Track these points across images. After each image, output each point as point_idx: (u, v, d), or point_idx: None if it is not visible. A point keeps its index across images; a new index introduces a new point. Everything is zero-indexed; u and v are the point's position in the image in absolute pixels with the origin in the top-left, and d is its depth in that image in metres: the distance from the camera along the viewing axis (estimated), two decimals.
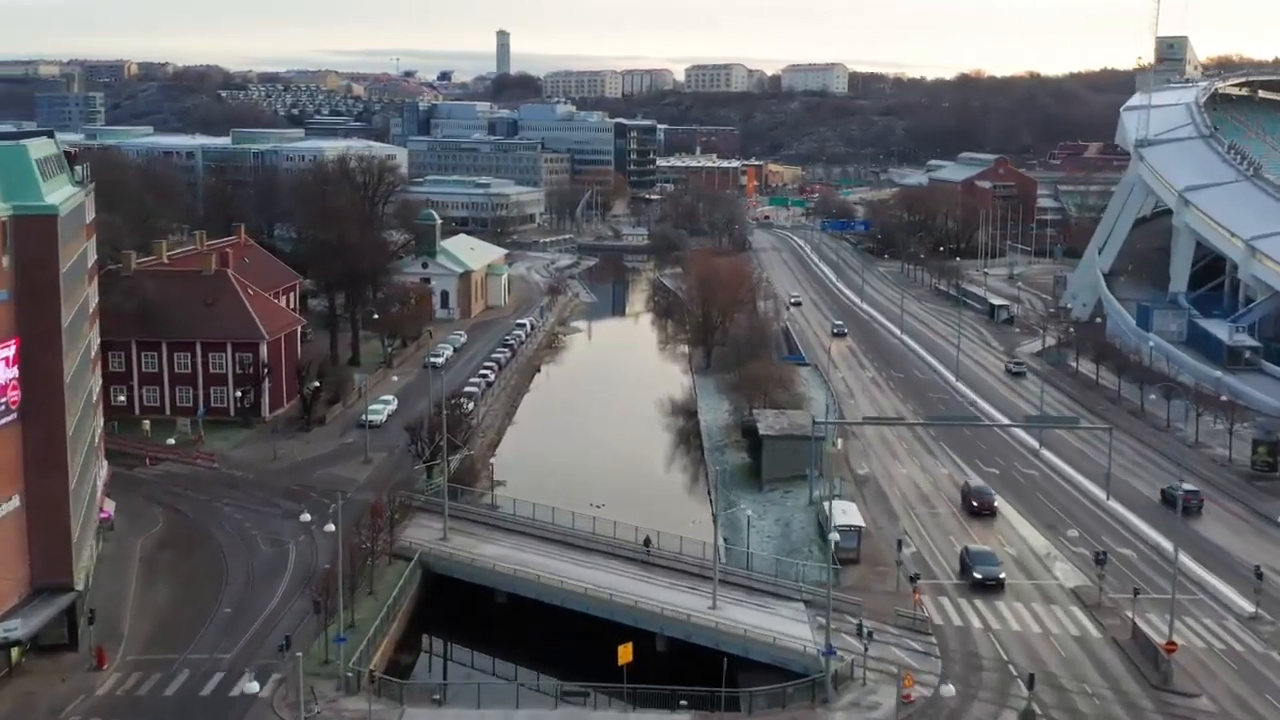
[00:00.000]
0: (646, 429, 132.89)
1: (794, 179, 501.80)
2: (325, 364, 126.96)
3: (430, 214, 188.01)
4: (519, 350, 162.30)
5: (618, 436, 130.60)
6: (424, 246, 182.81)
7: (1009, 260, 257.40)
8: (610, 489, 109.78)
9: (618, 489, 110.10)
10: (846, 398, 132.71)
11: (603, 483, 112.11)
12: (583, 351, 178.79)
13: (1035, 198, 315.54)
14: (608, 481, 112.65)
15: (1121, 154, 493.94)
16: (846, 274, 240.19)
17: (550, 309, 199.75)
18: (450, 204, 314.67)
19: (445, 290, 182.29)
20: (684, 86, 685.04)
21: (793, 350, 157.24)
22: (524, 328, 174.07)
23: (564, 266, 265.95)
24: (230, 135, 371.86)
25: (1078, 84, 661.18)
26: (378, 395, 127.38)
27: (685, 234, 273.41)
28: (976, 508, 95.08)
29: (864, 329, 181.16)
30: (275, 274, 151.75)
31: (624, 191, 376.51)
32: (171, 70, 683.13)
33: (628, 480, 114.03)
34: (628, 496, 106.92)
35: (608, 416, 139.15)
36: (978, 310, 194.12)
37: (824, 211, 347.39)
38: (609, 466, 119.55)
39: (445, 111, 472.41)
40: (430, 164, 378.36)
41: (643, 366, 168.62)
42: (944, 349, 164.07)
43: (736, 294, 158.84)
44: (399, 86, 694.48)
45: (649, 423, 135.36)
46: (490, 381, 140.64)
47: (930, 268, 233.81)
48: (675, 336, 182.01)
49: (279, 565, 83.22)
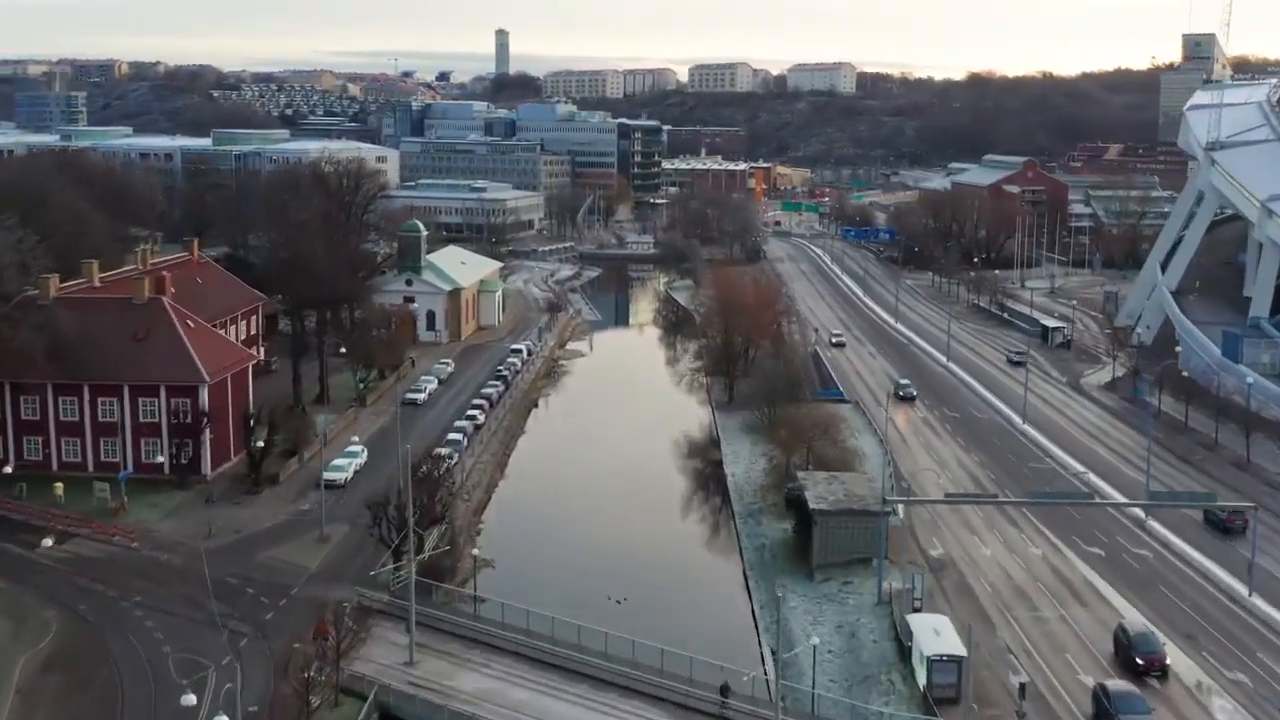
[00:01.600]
0: (662, 481, 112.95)
1: (803, 182, 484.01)
2: (280, 412, 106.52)
3: (415, 225, 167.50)
4: (514, 382, 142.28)
5: (628, 492, 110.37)
6: (408, 261, 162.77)
7: (1046, 272, 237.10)
8: (621, 568, 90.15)
9: (630, 568, 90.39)
10: (899, 446, 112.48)
11: (613, 559, 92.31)
12: (586, 379, 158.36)
13: (1067, 203, 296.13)
14: (619, 558, 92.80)
15: (1144, 156, 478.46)
16: (874, 288, 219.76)
17: (550, 328, 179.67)
18: (443, 209, 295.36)
19: (431, 310, 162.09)
20: (687, 86, 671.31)
21: (826, 384, 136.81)
22: (520, 354, 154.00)
23: (564, 278, 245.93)
24: (211, 136, 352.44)
25: (1092, 84, 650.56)
26: (343, 446, 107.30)
27: (696, 243, 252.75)
28: (1142, 667, 66.36)
29: (905, 356, 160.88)
30: (235, 295, 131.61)
31: (627, 195, 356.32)
32: (163, 70, 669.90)
33: (642, 555, 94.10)
34: (642, 578, 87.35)
35: (616, 465, 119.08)
36: (1026, 331, 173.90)
37: (840, 216, 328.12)
38: (619, 534, 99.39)
39: (440, 111, 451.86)
40: (424, 167, 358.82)
41: (655, 399, 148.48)
42: (997, 379, 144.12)
43: (762, 318, 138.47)
44: (396, 87, 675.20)
45: (664, 472, 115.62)
46: (479, 424, 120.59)
47: (964, 280, 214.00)
48: (691, 363, 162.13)
49: (188, 714, 62.21)
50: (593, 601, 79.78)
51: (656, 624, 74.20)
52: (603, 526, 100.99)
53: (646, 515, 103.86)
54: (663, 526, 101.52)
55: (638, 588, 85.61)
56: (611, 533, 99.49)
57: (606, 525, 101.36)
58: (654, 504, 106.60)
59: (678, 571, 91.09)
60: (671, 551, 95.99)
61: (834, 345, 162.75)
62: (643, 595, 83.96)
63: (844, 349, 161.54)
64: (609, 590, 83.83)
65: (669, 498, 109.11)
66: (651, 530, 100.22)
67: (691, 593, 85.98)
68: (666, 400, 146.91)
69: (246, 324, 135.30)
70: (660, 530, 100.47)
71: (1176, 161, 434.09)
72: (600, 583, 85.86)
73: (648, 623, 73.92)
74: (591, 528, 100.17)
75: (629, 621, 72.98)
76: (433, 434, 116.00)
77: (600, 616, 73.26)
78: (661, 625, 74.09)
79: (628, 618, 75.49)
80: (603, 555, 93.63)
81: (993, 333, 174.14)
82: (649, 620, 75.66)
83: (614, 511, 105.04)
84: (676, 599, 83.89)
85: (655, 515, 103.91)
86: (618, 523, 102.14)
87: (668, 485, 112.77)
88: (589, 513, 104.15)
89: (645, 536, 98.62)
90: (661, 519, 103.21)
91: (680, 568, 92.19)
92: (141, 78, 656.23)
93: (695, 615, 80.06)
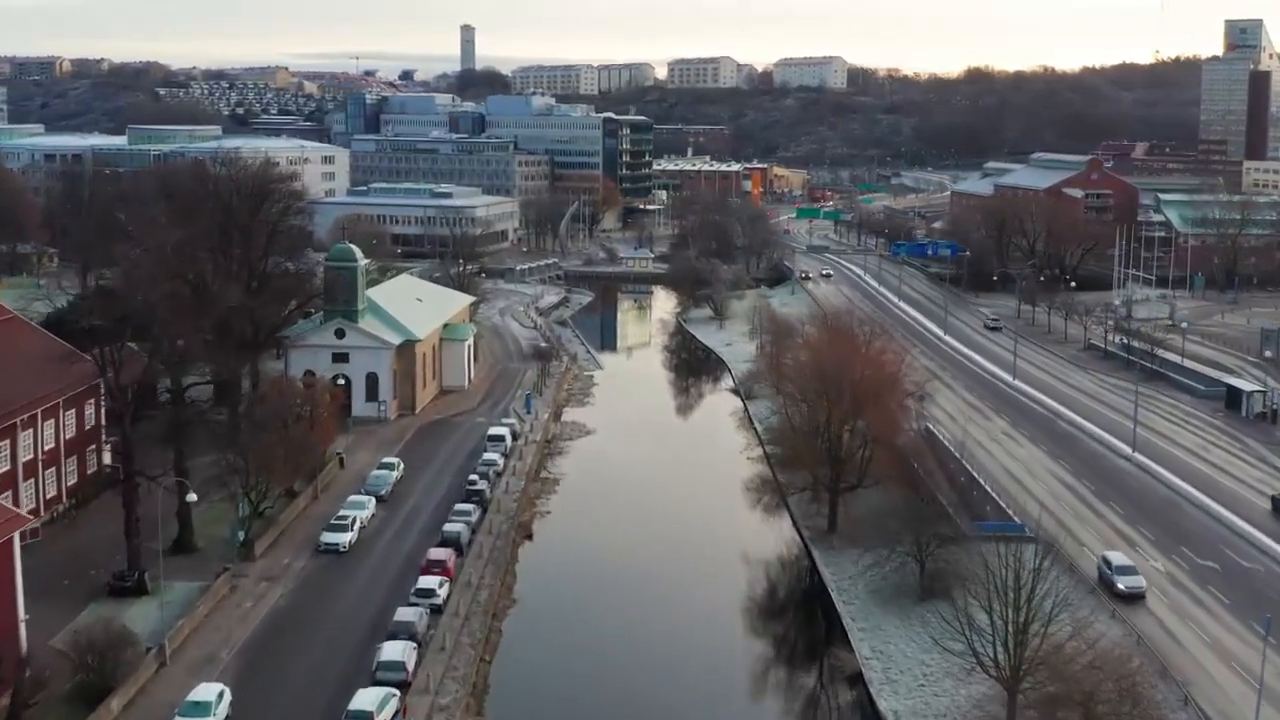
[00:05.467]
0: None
1: (801, 184, 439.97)
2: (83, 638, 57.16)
3: (346, 250, 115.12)
4: (494, 495, 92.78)
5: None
6: (340, 303, 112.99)
7: (1143, 296, 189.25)
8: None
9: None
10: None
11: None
12: (598, 479, 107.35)
13: (1137, 209, 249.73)
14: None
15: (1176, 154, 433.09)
16: (961, 329, 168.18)
17: (540, 388, 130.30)
18: (399, 218, 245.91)
19: (373, 373, 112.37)
20: (667, 83, 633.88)
21: (978, 514, 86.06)
22: (501, 443, 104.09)
23: (550, 306, 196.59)
24: (126, 134, 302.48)
25: (1098, 80, 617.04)
26: (191, 682, 58.02)
27: (718, 262, 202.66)
28: None
29: (1055, 435, 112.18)
30: (50, 373, 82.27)
31: (616, 200, 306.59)
32: (107, 67, 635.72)
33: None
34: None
35: (657, 665, 70.04)
36: (1200, 393, 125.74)
37: (866, 224, 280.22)
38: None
39: (398, 106, 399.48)
40: (379, 168, 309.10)
41: (704, 514, 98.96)
42: (1198, 472, 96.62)
43: (881, 395, 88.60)
44: (357, 85, 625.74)
45: (740, 680, 67.28)
46: (440, 603, 71.04)
47: (1055, 307, 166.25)
48: (743, 442, 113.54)
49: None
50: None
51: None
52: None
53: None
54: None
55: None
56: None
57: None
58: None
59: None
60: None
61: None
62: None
63: (952, 419, 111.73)
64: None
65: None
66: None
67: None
68: (723, 516, 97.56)
69: (77, 414, 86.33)
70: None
71: (1220, 161, 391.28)
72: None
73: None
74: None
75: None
76: (355, 634, 66.83)
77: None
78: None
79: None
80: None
81: (1148, 394, 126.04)
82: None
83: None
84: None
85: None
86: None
87: None
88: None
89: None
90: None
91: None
92: (84, 75, 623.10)
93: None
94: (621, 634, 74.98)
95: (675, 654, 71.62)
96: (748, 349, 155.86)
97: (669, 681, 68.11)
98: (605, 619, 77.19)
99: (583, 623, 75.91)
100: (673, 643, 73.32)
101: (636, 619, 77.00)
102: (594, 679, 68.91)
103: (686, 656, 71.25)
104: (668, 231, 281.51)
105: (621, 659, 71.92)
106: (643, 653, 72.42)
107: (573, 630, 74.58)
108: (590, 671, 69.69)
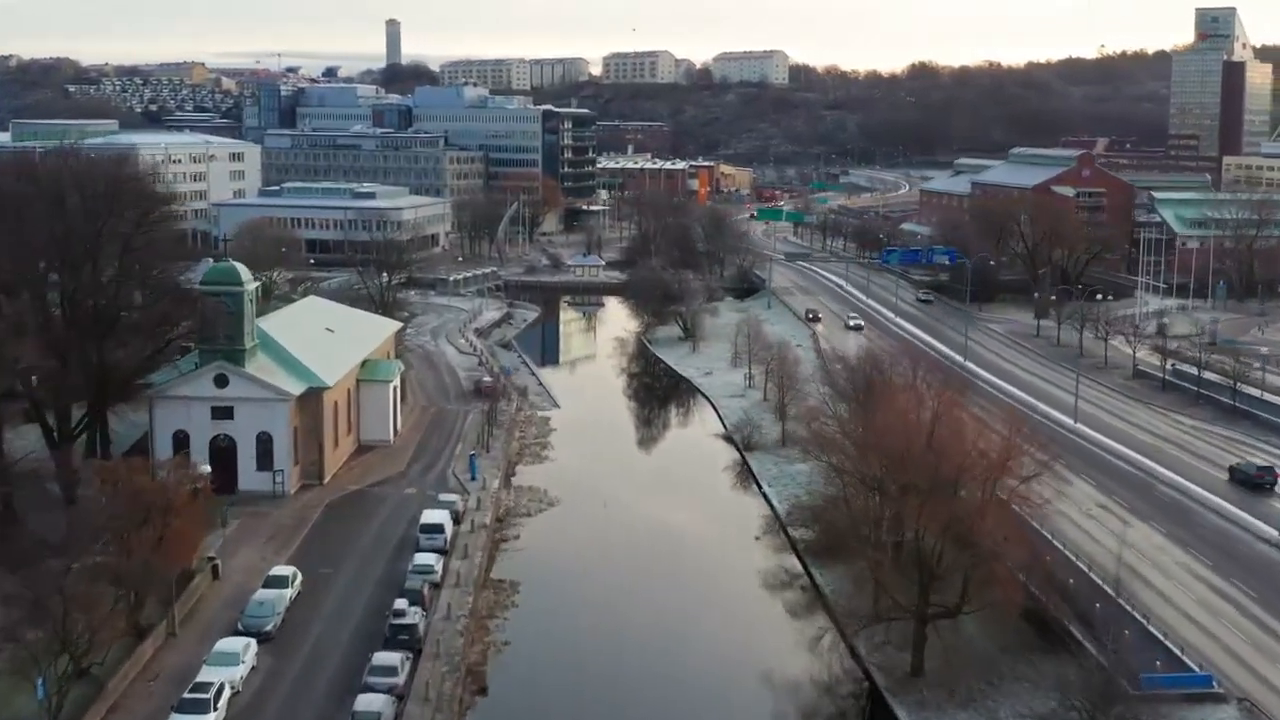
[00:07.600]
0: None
1: (750, 183, 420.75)
2: None
3: (229, 270, 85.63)
4: (430, 625, 65.21)
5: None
6: (221, 341, 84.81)
7: (1160, 307, 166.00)
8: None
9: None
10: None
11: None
12: (567, 574, 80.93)
13: (1132, 209, 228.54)
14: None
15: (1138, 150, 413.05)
16: (982, 355, 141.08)
17: (488, 441, 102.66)
18: (315, 222, 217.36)
19: (266, 433, 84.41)
20: (602, 78, 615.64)
21: (1144, 669, 59.80)
22: (439, 532, 76.34)
23: (491, 323, 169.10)
24: (10, 129, 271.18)
25: (1045, 75, 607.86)
26: None
27: (689, 274, 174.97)
28: None
29: (1166, 508, 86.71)
30: None
31: (557, 201, 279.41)
32: (15, 64, 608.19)
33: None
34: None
35: None
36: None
37: (830, 227, 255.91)
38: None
39: (316, 98, 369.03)
40: (295, 166, 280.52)
41: (717, 633, 71.82)
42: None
43: (984, 480, 62.51)
44: (276, 81, 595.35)
45: None
46: None
47: (1075, 320, 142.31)
48: (765, 531, 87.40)
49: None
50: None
51: None
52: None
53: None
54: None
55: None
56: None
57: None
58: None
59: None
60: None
61: None
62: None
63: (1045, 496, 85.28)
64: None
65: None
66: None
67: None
68: (748, 645, 70.87)
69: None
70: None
71: (1193, 157, 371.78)
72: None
73: None
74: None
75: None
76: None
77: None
78: None
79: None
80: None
81: (1242, 440, 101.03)
82: None
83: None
84: None
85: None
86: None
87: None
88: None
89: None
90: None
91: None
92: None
93: None
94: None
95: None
96: (732, 379, 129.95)
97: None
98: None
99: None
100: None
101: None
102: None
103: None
104: (614, 235, 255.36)
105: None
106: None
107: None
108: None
